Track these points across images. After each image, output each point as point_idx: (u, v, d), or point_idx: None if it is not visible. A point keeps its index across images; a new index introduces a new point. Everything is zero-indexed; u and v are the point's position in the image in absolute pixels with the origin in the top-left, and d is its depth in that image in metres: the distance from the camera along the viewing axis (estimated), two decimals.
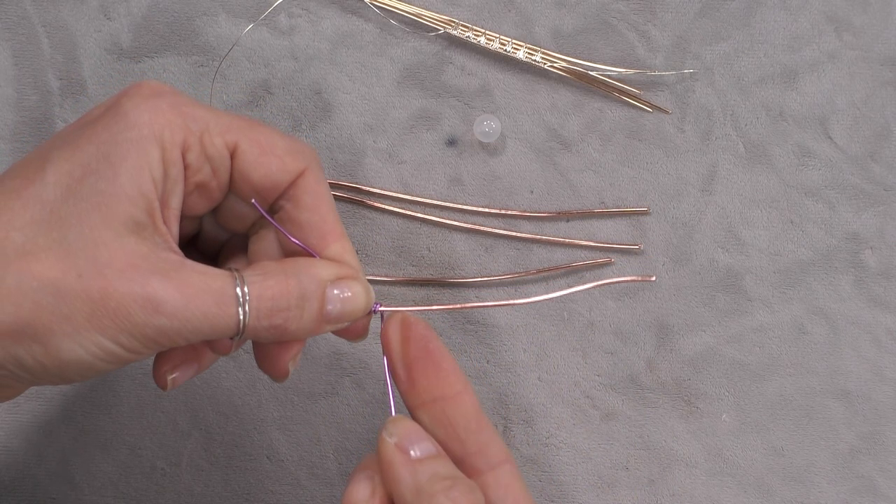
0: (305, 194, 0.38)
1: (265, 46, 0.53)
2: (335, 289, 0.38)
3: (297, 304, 0.37)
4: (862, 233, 0.52)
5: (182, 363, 0.39)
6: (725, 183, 0.52)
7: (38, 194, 0.34)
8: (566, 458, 0.52)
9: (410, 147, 0.53)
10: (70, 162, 0.35)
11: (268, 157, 0.38)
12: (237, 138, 0.37)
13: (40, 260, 0.34)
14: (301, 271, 0.37)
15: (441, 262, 0.52)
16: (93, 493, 0.52)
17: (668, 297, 0.52)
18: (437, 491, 0.35)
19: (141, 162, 0.35)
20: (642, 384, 0.52)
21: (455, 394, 0.38)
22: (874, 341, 0.52)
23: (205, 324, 0.35)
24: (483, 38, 0.52)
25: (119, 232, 0.34)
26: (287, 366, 0.39)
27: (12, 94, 0.53)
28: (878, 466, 0.52)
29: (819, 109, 0.53)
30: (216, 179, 0.38)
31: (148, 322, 0.34)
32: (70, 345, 0.34)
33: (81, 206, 0.34)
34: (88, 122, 0.36)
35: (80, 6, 0.53)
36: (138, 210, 0.35)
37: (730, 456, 0.52)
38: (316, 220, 0.39)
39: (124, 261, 0.34)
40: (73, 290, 0.33)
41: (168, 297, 0.34)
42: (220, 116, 0.37)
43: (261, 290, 0.36)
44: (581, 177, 0.52)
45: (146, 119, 0.35)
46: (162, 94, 0.36)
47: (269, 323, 0.36)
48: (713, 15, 0.53)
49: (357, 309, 0.39)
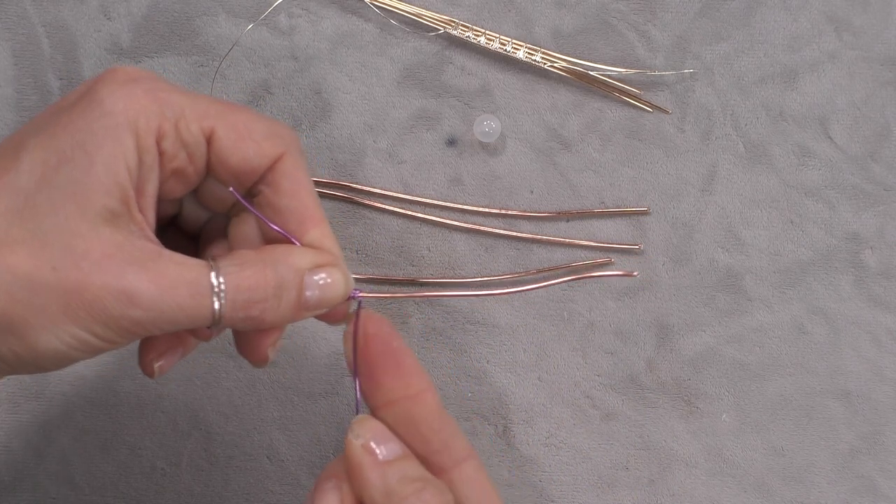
0: (284, 179, 0.38)
1: (265, 46, 0.53)
2: (314, 275, 0.38)
3: (274, 294, 0.37)
4: (862, 233, 0.52)
5: (166, 351, 0.39)
6: (725, 183, 0.52)
7: (12, 183, 0.34)
8: (566, 458, 0.52)
9: (410, 147, 0.53)
10: (45, 150, 0.34)
11: (245, 142, 0.37)
12: (214, 123, 0.37)
13: (14, 252, 0.33)
14: (279, 260, 0.37)
15: (441, 262, 0.52)
16: (93, 493, 0.52)
17: (668, 297, 0.52)
18: (409, 493, 0.35)
19: (116, 150, 0.35)
20: (642, 384, 0.52)
21: (417, 393, 0.38)
22: (874, 341, 0.52)
23: (180, 315, 0.35)
24: (483, 38, 0.52)
25: (94, 222, 0.34)
26: (266, 352, 0.39)
27: (12, 94, 0.53)
28: (878, 466, 0.52)
29: (819, 109, 0.53)
30: (192, 165, 0.37)
31: (123, 314, 0.34)
32: (46, 336, 0.34)
33: (56, 196, 0.34)
34: (64, 108, 0.36)
35: (80, 6, 0.53)
36: (113, 199, 0.35)
37: (730, 456, 0.52)
38: (295, 205, 0.38)
39: (99, 251, 0.34)
40: (47, 283, 0.33)
41: (143, 289, 0.34)
42: (198, 101, 0.37)
43: (237, 281, 0.36)
44: (581, 177, 0.52)
45: (121, 106, 0.35)
46: (137, 80, 0.36)
47: (246, 314, 0.36)
48: (713, 15, 0.53)
49: (336, 295, 0.38)
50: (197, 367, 0.52)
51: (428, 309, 0.52)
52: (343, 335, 0.39)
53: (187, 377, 0.52)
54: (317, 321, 0.39)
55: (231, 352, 0.52)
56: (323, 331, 0.52)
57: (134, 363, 0.52)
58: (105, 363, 0.52)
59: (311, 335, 0.52)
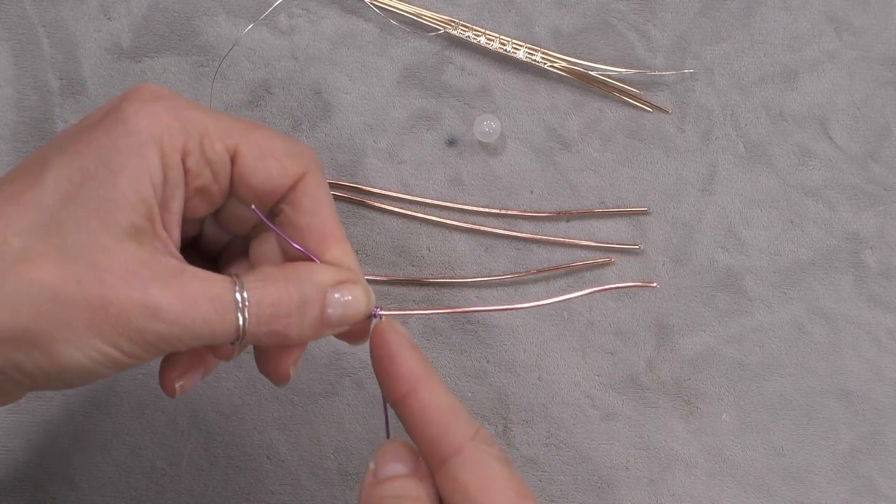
0: (305, 198, 0.38)
1: (265, 46, 0.53)
2: (336, 293, 0.38)
3: (298, 310, 0.37)
4: (862, 233, 0.52)
5: (188, 370, 0.39)
6: (725, 183, 0.52)
7: (37, 199, 0.34)
8: (566, 458, 0.52)
9: (410, 147, 0.53)
10: (70, 167, 0.35)
11: (267, 161, 0.38)
12: (237, 142, 0.37)
13: (39, 266, 0.33)
14: (301, 277, 0.37)
15: (441, 262, 0.52)
16: (93, 493, 0.52)
17: (668, 297, 0.52)
18: None
19: (141, 168, 0.35)
20: (642, 384, 0.52)
21: (408, 392, 0.38)
22: (874, 341, 0.52)
23: (205, 330, 0.35)
24: (483, 38, 0.52)
25: (119, 238, 0.34)
26: (288, 369, 0.39)
27: (12, 94, 0.53)
28: (878, 466, 0.52)
29: (819, 109, 0.53)
30: (217, 184, 0.38)
31: (148, 328, 0.34)
32: (70, 350, 0.34)
33: (81, 212, 0.34)
34: (88, 126, 0.36)
35: (80, 6, 0.53)
36: (138, 216, 0.35)
37: (730, 456, 0.52)
38: (316, 224, 0.39)
39: (124, 267, 0.34)
40: (72, 297, 0.33)
41: (167, 304, 0.34)
42: (220, 119, 0.37)
43: (261, 297, 0.36)
44: (581, 177, 0.52)
45: (146, 124, 0.35)
46: (161, 98, 0.36)
47: (269, 329, 0.36)
48: (713, 15, 0.53)
49: (358, 312, 0.39)
50: None
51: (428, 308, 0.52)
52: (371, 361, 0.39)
53: None
54: None
55: None
56: None
57: None
58: None
59: None
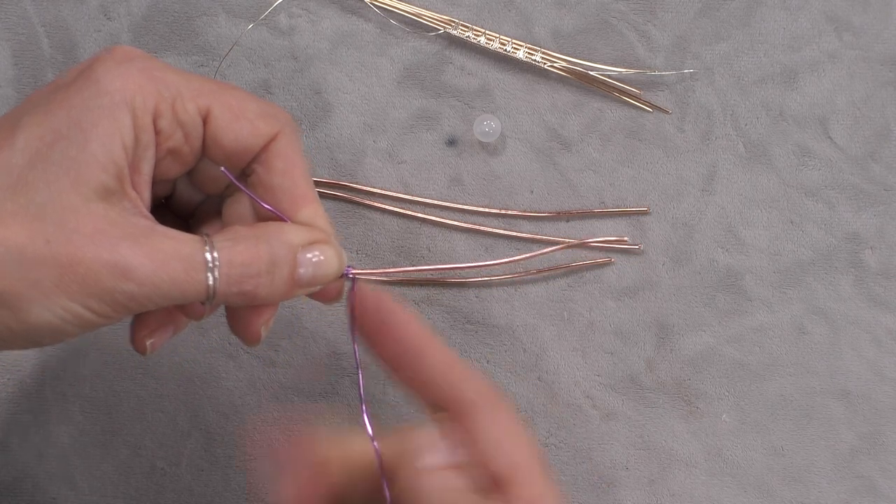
0: (277, 159, 0.38)
1: (265, 46, 0.53)
2: (307, 252, 0.38)
3: (268, 269, 0.37)
4: (862, 233, 0.52)
5: (158, 328, 0.39)
6: (725, 183, 0.52)
7: (6, 159, 0.34)
8: (566, 458, 0.52)
9: (410, 147, 0.53)
10: (41, 127, 0.35)
11: (240, 122, 0.37)
12: (209, 103, 0.37)
13: (7, 225, 0.33)
14: (272, 236, 0.37)
15: (441, 262, 0.52)
16: (93, 493, 0.52)
17: (668, 297, 0.52)
18: None
19: (112, 128, 0.35)
20: (642, 384, 0.52)
21: (418, 354, 0.38)
22: (874, 341, 0.52)
23: (174, 289, 0.35)
24: (483, 38, 0.52)
25: (88, 197, 0.34)
26: (259, 330, 0.39)
27: (12, 94, 0.53)
28: (878, 466, 0.52)
29: (819, 109, 0.53)
30: (189, 145, 0.37)
31: (117, 288, 0.34)
32: (39, 310, 0.34)
33: (50, 172, 0.34)
34: (60, 86, 0.36)
35: (80, 6, 0.53)
36: (108, 176, 0.35)
37: (730, 456, 0.52)
38: (287, 185, 0.38)
39: (93, 226, 0.34)
40: (40, 256, 0.33)
41: (137, 263, 0.34)
42: (192, 80, 0.37)
43: (231, 256, 0.36)
44: (581, 177, 0.52)
45: (118, 85, 0.35)
46: (134, 59, 0.36)
47: (240, 289, 0.36)
48: (713, 15, 0.53)
49: (329, 273, 0.38)
50: (197, 367, 0.52)
51: (428, 308, 0.52)
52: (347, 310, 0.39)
53: (187, 377, 0.52)
54: (316, 321, 0.40)
55: (231, 352, 0.52)
56: (323, 330, 0.52)
57: (134, 364, 0.52)
58: (105, 363, 0.52)
59: (310, 335, 0.52)
